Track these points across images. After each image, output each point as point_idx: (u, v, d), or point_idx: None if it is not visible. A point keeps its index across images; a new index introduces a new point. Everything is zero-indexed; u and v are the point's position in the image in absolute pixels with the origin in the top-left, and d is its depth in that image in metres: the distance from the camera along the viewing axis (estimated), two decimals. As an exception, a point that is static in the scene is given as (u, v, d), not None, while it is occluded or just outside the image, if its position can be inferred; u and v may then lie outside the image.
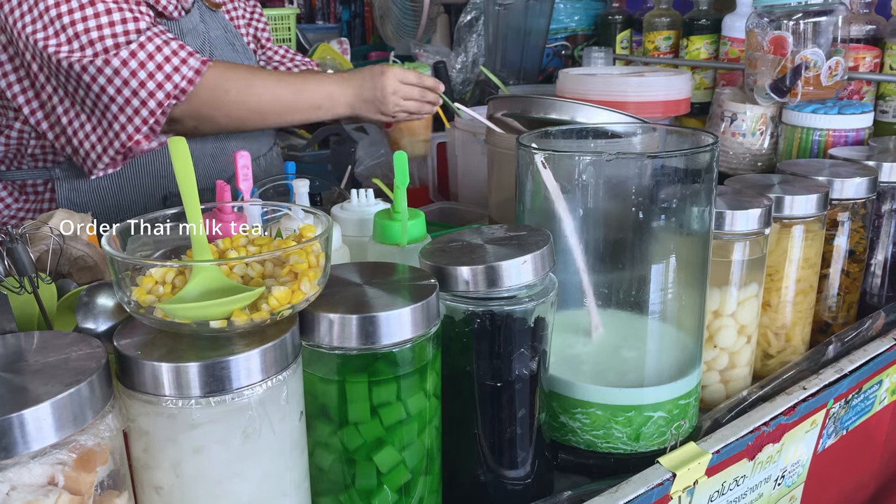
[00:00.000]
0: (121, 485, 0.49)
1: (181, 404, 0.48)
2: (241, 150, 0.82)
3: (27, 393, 0.43)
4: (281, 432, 0.53)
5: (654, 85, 1.23)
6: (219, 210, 0.72)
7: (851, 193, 0.96)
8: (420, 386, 0.59)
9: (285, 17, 2.66)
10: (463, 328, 0.63)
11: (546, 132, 0.83)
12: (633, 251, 0.73)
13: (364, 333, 0.55)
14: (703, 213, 0.73)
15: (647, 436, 0.73)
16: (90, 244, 0.74)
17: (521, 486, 0.69)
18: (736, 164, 1.28)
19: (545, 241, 0.65)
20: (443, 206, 1.36)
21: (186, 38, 1.29)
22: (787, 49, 1.17)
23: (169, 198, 1.31)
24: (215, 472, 0.51)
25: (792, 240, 0.90)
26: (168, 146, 0.54)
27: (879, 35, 1.28)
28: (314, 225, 0.58)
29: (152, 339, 0.51)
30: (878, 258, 1.08)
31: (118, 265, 0.52)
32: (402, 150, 0.79)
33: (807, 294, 0.94)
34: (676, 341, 0.76)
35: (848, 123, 1.15)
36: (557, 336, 0.70)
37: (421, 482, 0.61)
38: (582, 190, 0.71)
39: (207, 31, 1.36)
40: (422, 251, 0.67)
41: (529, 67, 1.93)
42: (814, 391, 0.82)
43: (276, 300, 0.51)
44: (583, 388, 0.73)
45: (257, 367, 0.50)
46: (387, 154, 1.53)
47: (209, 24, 1.37)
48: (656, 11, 1.66)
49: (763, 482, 0.80)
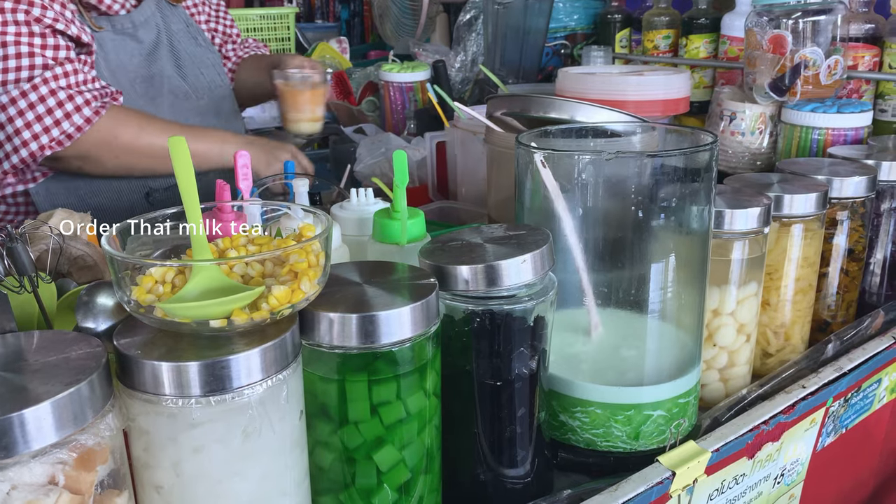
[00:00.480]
0: (121, 484, 0.49)
1: (181, 403, 0.48)
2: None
3: (27, 392, 0.43)
4: (281, 431, 0.53)
5: (653, 84, 1.23)
6: (218, 209, 0.72)
7: (850, 192, 0.96)
8: (420, 385, 0.59)
9: (284, 16, 2.66)
10: (462, 327, 0.63)
11: (545, 131, 0.83)
12: (633, 250, 0.73)
13: (364, 332, 0.55)
14: (702, 212, 0.73)
15: (647, 434, 0.73)
16: (90, 243, 0.74)
17: (521, 484, 0.69)
18: (735, 163, 1.28)
19: (545, 240, 0.65)
20: (442, 205, 1.36)
21: (139, 31, 1.28)
22: (787, 48, 1.17)
23: (151, 194, 1.31)
24: (215, 472, 0.51)
25: (791, 238, 0.90)
26: (168, 145, 0.54)
27: (878, 34, 1.28)
28: (314, 224, 0.58)
29: (152, 339, 0.51)
30: (878, 257, 1.08)
31: (118, 264, 0.52)
32: (289, 124, 0.78)
33: (806, 293, 0.94)
34: (676, 340, 0.76)
35: (847, 122, 1.15)
36: (557, 335, 0.70)
37: (421, 481, 0.61)
38: (581, 189, 0.71)
39: (167, 24, 1.36)
40: (421, 250, 0.67)
41: (528, 66, 1.93)
42: (813, 390, 0.82)
43: (276, 299, 0.51)
44: (582, 386, 0.73)
45: (257, 366, 0.50)
46: (386, 153, 1.53)
47: (169, 17, 1.37)
48: (655, 10, 1.65)
49: (762, 480, 0.80)
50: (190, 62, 1.40)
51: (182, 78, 1.38)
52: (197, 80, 1.40)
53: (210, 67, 1.45)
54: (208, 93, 1.42)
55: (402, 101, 1.96)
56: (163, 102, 1.32)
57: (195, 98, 1.38)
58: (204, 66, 1.43)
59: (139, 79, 1.30)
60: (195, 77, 1.40)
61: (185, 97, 1.37)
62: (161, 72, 1.33)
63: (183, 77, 1.38)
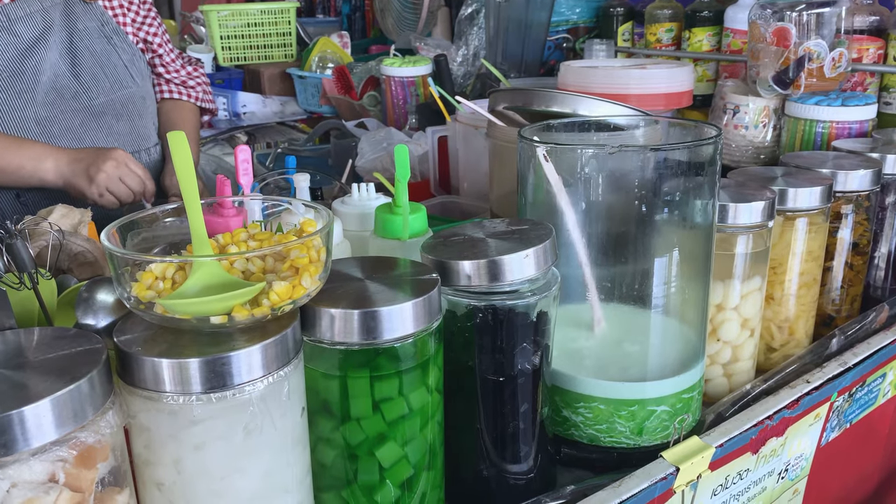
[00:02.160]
0: (122, 481, 0.49)
1: (182, 400, 0.48)
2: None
3: (27, 390, 0.42)
4: (282, 428, 0.52)
5: (656, 77, 1.23)
6: (219, 205, 0.72)
7: (855, 186, 0.96)
8: (422, 381, 0.59)
9: (285, 10, 2.65)
10: (465, 323, 0.63)
11: (548, 125, 0.82)
12: (636, 245, 0.73)
13: (366, 328, 0.55)
14: (706, 206, 0.73)
15: (651, 430, 0.73)
16: (90, 239, 0.74)
17: (524, 480, 0.68)
18: (739, 157, 1.28)
19: (547, 234, 0.65)
20: (444, 200, 1.35)
21: (17, 26, 1.27)
22: (791, 40, 1.16)
23: (21, 195, 1.31)
24: (217, 469, 0.50)
25: (795, 232, 0.90)
26: (167, 140, 0.54)
27: (883, 26, 1.27)
28: (315, 220, 0.58)
29: (153, 335, 0.51)
30: (882, 251, 1.07)
31: (118, 261, 0.51)
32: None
33: (810, 287, 0.94)
34: (679, 335, 0.76)
35: (851, 115, 1.14)
36: (560, 330, 0.69)
37: (423, 477, 0.61)
38: (584, 183, 0.71)
39: (71, 21, 1.34)
40: (423, 245, 0.66)
41: (531, 60, 1.92)
42: (817, 384, 0.81)
43: (277, 295, 0.51)
44: (585, 382, 0.72)
45: (258, 362, 0.49)
46: (388, 148, 1.53)
47: (78, 15, 1.36)
48: (658, 3, 1.65)
49: (767, 476, 0.80)
50: (91, 61, 1.38)
51: (74, 76, 1.36)
52: (94, 79, 1.38)
53: (120, 67, 1.43)
54: (108, 92, 1.40)
55: (404, 96, 1.96)
56: (33, 98, 1.30)
57: (87, 97, 1.36)
58: (109, 65, 1.41)
59: (6, 72, 1.28)
60: (92, 76, 1.38)
61: (74, 96, 1.35)
62: (38, 67, 1.31)
63: (75, 75, 1.36)
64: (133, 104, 1.45)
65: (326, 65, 2.39)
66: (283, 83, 2.50)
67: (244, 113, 2.39)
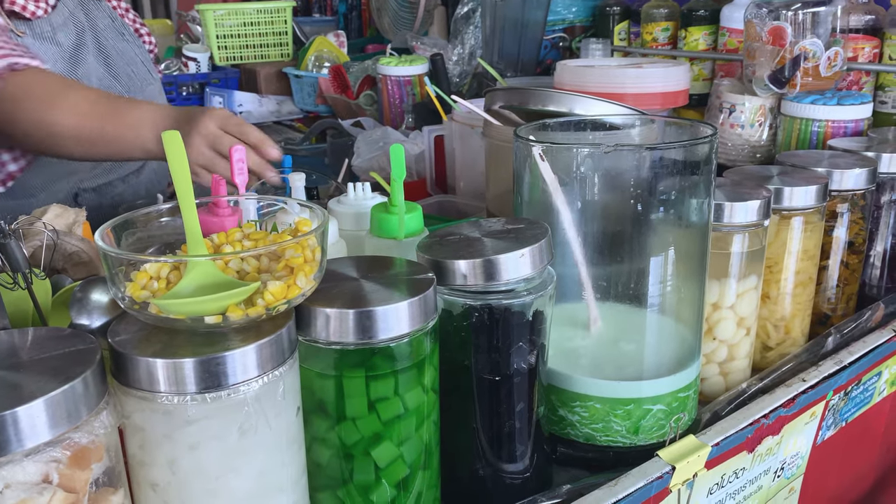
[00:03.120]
0: (116, 482, 0.49)
1: (177, 400, 0.48)
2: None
3: (21, 390, 0.42)
4: (277, 428, 0.52)
5: (652, 76, 1.23)
6: (214, 204, 0.72)
7: (851, 184, 0.96)
8: (418, 380, 0.58)
9: (281, 9, 2.65)
10: (461, 322, 0.63)
11: (544, 124, 0.82)
12: (632, 244, 0.73)
13: (361, 328, 0.54)
14: (701, 205, 0.73)
15: (647, 429, 0.73)
16: (84, 239, 0.74)
17: (520, 479, 0.68)
18: (735, 156, 1.28)
19: (543, 234, 0.65)
20: (440, 199, 1.35)
21: (58, 34, 1.23)
22: (786, 39, 1.16)
23: (80, 194, 1.27)
24: (212, 469, 0.50)
25: (791, 231, 0.90)
26: (162, 139, 0.53)
27: (878, 25, 1.27)
28: (310, 219, 0.58)
29: (147, 335, 0.50)
30: (878, 249, 1.07)
31: (112, 261, 0.51)
32: None
33: (806, 286, 0.94)
34: (675, 334, 0.76)
35: (847, 114, 1.14)
36: (556, 329, 0.69)
37: (419, 477, 0.61)
38: (580, 182, 0.71)
39: (92, 21, 1.30)
40: (419, 245, 0.66)
41: (527, 59, 1.92)
42: (813, 383, 0.81)
43: (272, 295, 0.51)
44: (581, 381, 0.72)
45: (253, 362, 0.49)
46: (384, 147, 1.53)
47: (94, 14, 1.32)
48: (654, 2, 1.65)
49: (762, 474, 0.80)
50: (119, 59, 1.34)
51: (114, 77, 1.31)
52: (129, 79, 1.34)
53: (139, 64, 1.39)
54: (140, 89, 1.35)
55: (400, 95, 1.96)
56: None
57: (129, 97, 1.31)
58: (133, 62, 1.37)
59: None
60: (127, 76, 1.33)
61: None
62: (87, 74, 1.25)
63: (115, 77, 1.31)
64: (158, 99, 1.42)
65: (323, 64, 2.39)
66: (279, 82, 2.49)
67: (240, 112, 2.39)
